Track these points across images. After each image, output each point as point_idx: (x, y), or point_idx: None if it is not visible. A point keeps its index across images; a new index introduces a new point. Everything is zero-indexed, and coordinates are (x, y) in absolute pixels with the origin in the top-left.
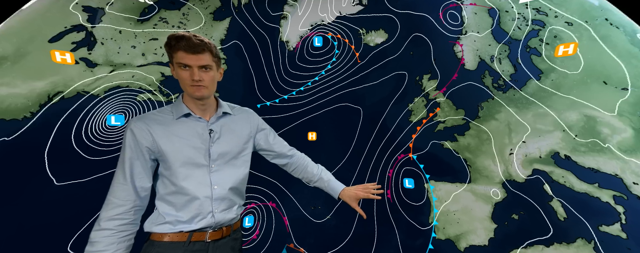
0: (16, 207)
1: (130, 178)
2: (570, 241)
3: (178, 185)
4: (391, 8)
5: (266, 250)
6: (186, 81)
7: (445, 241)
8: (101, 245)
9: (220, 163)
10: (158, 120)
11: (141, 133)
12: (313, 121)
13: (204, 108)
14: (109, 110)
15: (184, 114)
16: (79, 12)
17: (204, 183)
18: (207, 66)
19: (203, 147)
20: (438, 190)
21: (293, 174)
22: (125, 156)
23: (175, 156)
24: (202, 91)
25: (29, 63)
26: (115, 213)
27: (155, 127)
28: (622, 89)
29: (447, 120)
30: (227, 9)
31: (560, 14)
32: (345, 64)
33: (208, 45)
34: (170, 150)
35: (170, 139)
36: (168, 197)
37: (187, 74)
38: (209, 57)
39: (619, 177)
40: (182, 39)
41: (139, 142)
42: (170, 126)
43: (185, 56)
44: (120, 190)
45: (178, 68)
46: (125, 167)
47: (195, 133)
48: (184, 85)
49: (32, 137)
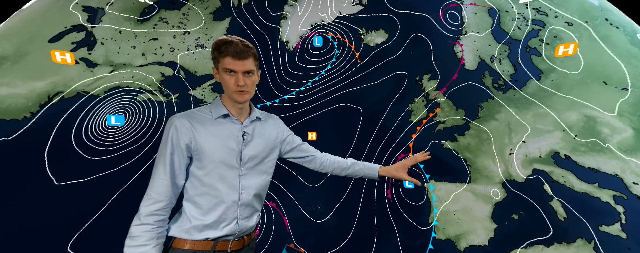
0: (16, 207)
1: (170, 174)
2: (570, 241)
3: (209, 185)
4: (391, 8)
5: (266, 250)
6: (231, 86)
7: (445, 241)
8: (142, 239)
9: (249, 167)
10: (198, 118)
11: (183, 129)
12: (313, 121)
13: (241, 111)
14: (109, 110)
15: (222, 115)
16: (79, 12)
17: (233, 186)
18: (250, 71)
19: (236, 148)
20: (438, 190)
21: (321, 170)
22: (167, 151)
23: (211, 155)
24: (245, 96)
25: (29, 63)
26: (155, 209)
27: (196, 124)
28: (622, 89)
29: (447, 120)
30: (227, 9)
31: (560, 14)
32: (345, 64)
33: (252, 50)
34: (208, 149)
35: (208, 138)
36: (196, 198)
37: (233, 79)
38: (252, 62)
39: (619, 177)
40: (230, 45)
41: (180, 138)
42: (209, 125)
43: (232, 62)
44: (160, 185)
45: (224, 73)
46: (166, 162)
47: (231, 134)
48: (228, 90)
49: (32, 137)
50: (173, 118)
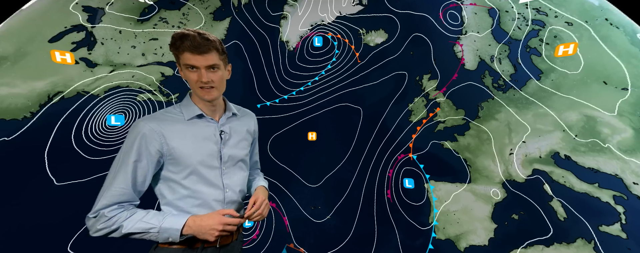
0: (16, 207)
1: (133, 183)
2: (570, 241)
3: (190, 188)
4: (391, 8)
5: (266, 250)
6: (195, 83)
7: (445, 241)
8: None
9: (230, 165)
10: (168, 120)
11: (152, 134)
12: (313, 121)
13: (214, 109)
14: (109, 110)
15: (196, 115)
16: (79, 12)
17: (217, 186)
18: (214, 66)
19: (216, 148)
20: (438, 190)
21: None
22: (129, 159)
23: (188, 158)
24: (212, 93)
25: (29, 63)
26: (113, 206)
27: (167, 128)
28: (622, 89)
29: (447, 120)
30: (227, 9)
31: (560, 14)
32: (345, 64)
33: (213, 43)
34: (184, 152)
35: (182, 141)
36: (177, 202)
37: (195, 75)
38: (215, 56)
39: (619, 177)
40: (186, 39)
41: (149, 144)
42: (181, 127)
43: (191, 57)
44: (120, 194)
45: (185, 69)
46: (128, 170)
47: (208, 135)
48: (193, 87)
49: (32, 137)
50: (139, 124)
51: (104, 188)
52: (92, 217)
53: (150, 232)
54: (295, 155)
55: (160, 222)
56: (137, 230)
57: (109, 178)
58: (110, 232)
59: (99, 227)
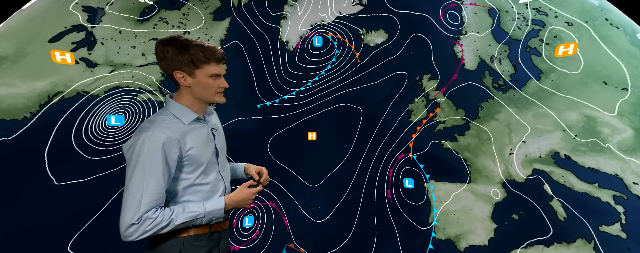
0: (16, 207)
1: (164, 188)
2: (570, 241)
3: (202, 184)
4: (391, 8)
5: (266, 250)
6: (214, 89)
7: (445, 241)
8: (166, 213)
9: (222, 159)
10: (175, 127)
11: (171, 142)
12: (313, 121)
13: (202, 110)
14: (109, 110)
15: (195, 118)
16: (79, 12)
17: (218, 179)
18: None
19: (213, 146)
20: (438, 190)
21: None
22: (157, 166)
23: (199, 160)
24: (224, 97)
25: (29, 63)
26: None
27: (179, 134)
28: (622, 89)
29: (447, 120)
30: (227, 9)
31: (560, 14)
32: (345, 64)
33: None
34: (197, 155)
35: (193, 144)
36: (189, 196)
37: (217, 82)
38: None
39: (619, 177)
40: (215, 51)
41: (170, 151)
42: (187, 132)
43: (218, 67)
44: (157, 198)
45: (208, 78)
46: (159, 176)
47: (207, 134)
48: (210, 93)
49: (32, 137)
50: (155, 134)
51: (136, 195)
52: (135, 223)
53: (198, 218)
54: (295, 155)
55: (203, 209)
56: (186, 219)
57: (137, 187)
58: (160, 229)
59: (146, 228)
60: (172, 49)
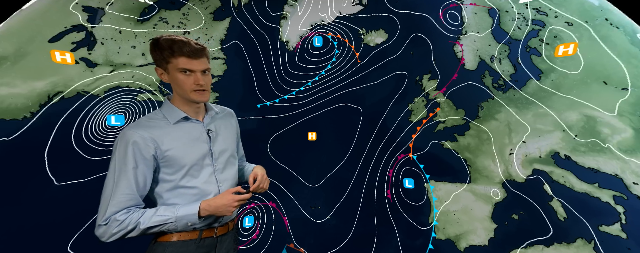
0: (16, 207)
1: (136, 187)
2: (570, 241)
3: (187, 186)
4: (391, 8)
5: (266, 250)
6: (189, 86)
7: (445, 241)
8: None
9: (222, 161)
10: (154, 126)
11: (144, 141)
12: (313, 121)
13: (198, 110)
14: (109, 110)
15: (182, 118)
16: (79, 12)
17: (211, 182)
18: (207, 70)
19: (206, 147)
20: (438, 190)
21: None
22: (127, 166)
23: (181, 160)
24: (206, 95)
25: (29, 63)
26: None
27: (156, 133)
28: (622, 89)
29: (447, 120)
30: (227, 9)
31: (560, 14)
32: (345, 64)
33: (205, 49)
34: (176, 155)
35: (173, 144)
36: (174, 199)
37: (190, 79)
38: (207, 60)
39: (619, 177)
40: (183, 44)
41: (143, 150)
42: (169, 131)
43: (188, 61)
44: (127, 199)
45: (178, 73)
46: (129, 177)
47: (197, 135)
48: (185, 91)
49: (32, 137)
50: (127, 132)
51: (106, 196)
52: (102, 224)
53: (168, 223)
54: (295, 155)
55: (174, 213)
56: (154, 223)
57: (108, 188)
58: (126, 233)
59: (113, 231)
60: (152, 46)
